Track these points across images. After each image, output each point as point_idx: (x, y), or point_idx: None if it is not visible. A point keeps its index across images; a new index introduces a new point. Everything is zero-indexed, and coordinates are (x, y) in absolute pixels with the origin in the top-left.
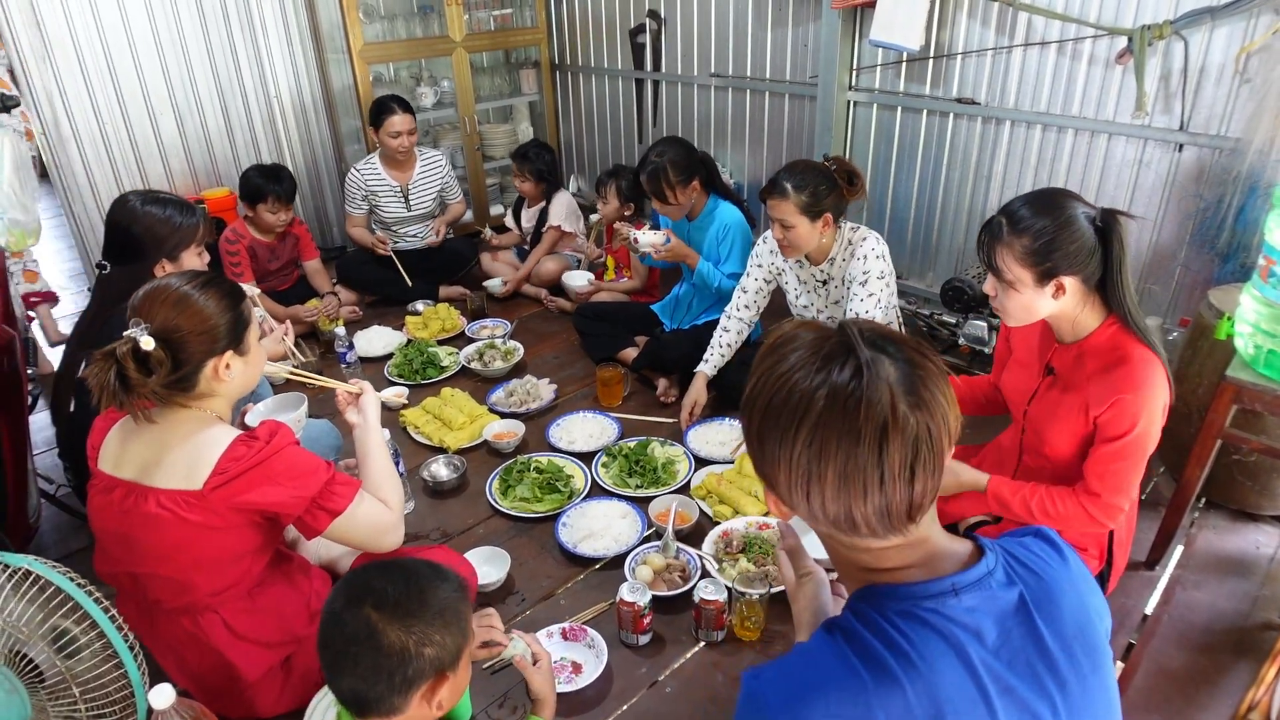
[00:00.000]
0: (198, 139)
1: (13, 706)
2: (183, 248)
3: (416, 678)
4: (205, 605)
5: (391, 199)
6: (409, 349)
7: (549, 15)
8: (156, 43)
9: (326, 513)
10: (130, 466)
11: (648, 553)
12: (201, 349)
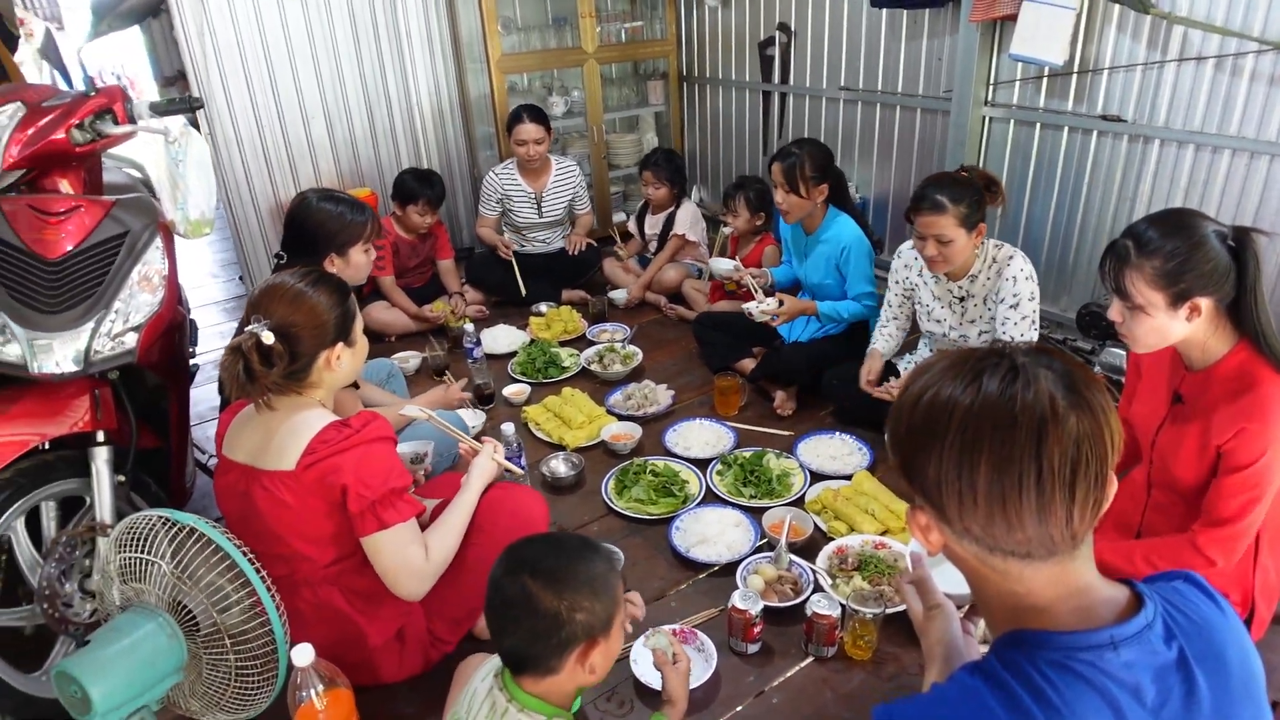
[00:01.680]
0: (344, 141)
1: (173, 651)
2: (351, 244)
3: (570, 640)
4: (322, 578)
5: (525, 204)
6: (532, 348)
7: (679, 27)
8: (313, 52)
9: (376, 520)
10: (243, 451)
11: (760, 563)
12: (315, 342)
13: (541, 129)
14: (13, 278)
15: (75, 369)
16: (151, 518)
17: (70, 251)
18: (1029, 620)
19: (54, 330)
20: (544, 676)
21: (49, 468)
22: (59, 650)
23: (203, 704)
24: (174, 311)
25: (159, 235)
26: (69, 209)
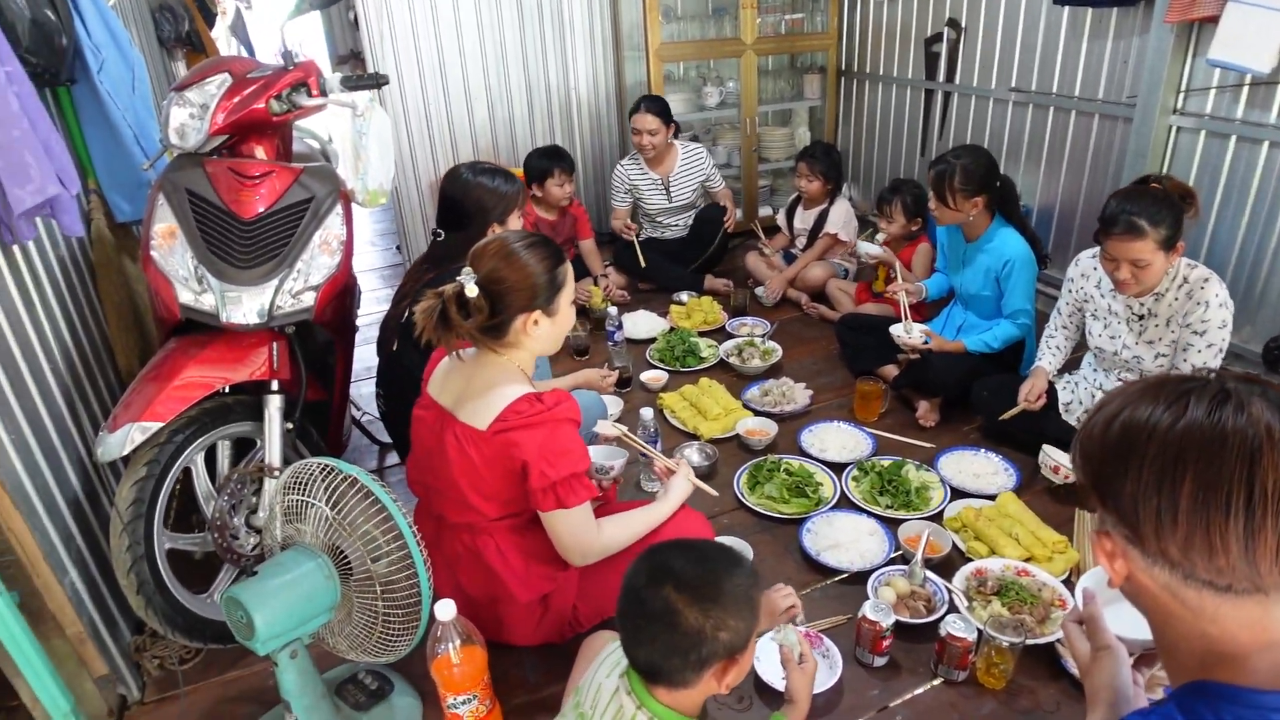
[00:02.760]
0: (504, 124)
1: (328, 590)
2: (509, 212)
3: (710, 658)
4: (483, 528)
5: (653, 190)
6: (671, 336)
7: (841, 21)
8: (480, 37)
9: (555, 500)
10: (447, 395)
11: (893, 575)
12: (517, 302)
13: (657, 120)
14: (212, 233)
15: (258, 321)
16: (320, 465)
17: (262, 213)
18: (1219, 670)
19: (243, 284)
20: (676, 689)
21: (228, 410)
22: (223, 577)
23: (348, 643)
24: (347, 275)
25: (339, 203)
26: (263, 173)
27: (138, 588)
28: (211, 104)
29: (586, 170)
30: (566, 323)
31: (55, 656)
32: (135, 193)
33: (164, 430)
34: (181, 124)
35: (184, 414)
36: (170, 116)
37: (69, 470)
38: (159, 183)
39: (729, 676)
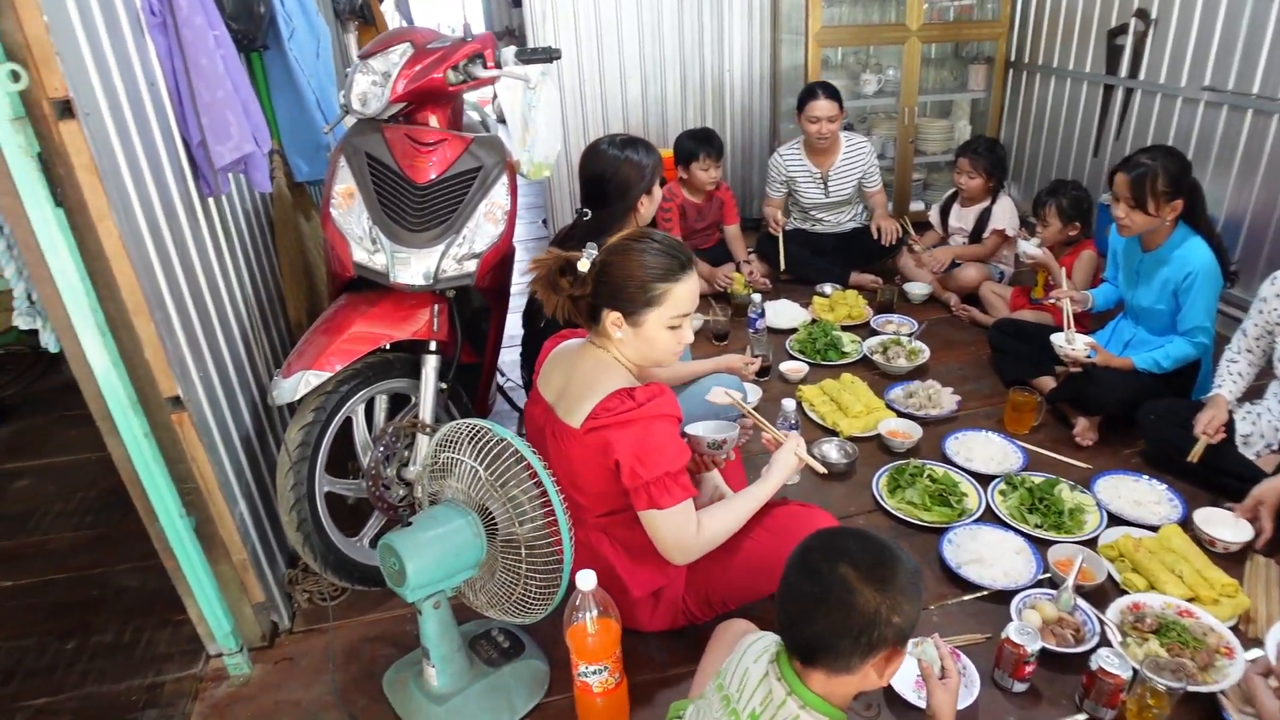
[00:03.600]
0: (656, 103)
1: (475, 547)
2: (654, 181)
3: (879, 643)
4: (593, 525)
5: (810, 184)
6: (813, 328)
7: (1014, 8)
8: (639, 14)
9: (649, 500)
10: (551, 389)
11: (1039, 598)
12: (607, 294)
13: (835, 106)
14: (388, 196)
15: (423, 283)
16: (475, 426)
17: (434, 179)
18: None
19: (413, 246)
20: (837, 674)
21: (389, 365)
22: (372, 524)
23: (488, 599)
24: (508, 244)
25: (505, 173)
26: (437, 141)
27: (298, 525)
28: (393, 72)
29: (734, 154)
30: (657, 344)
31: (221, 580)
32: (313, 154)
33: (331, 380)
34: (364, 91)
35: (350, 366)
36: (354, 83)
37: (244, 410)
38: (341, 146)
39: (890, 668)
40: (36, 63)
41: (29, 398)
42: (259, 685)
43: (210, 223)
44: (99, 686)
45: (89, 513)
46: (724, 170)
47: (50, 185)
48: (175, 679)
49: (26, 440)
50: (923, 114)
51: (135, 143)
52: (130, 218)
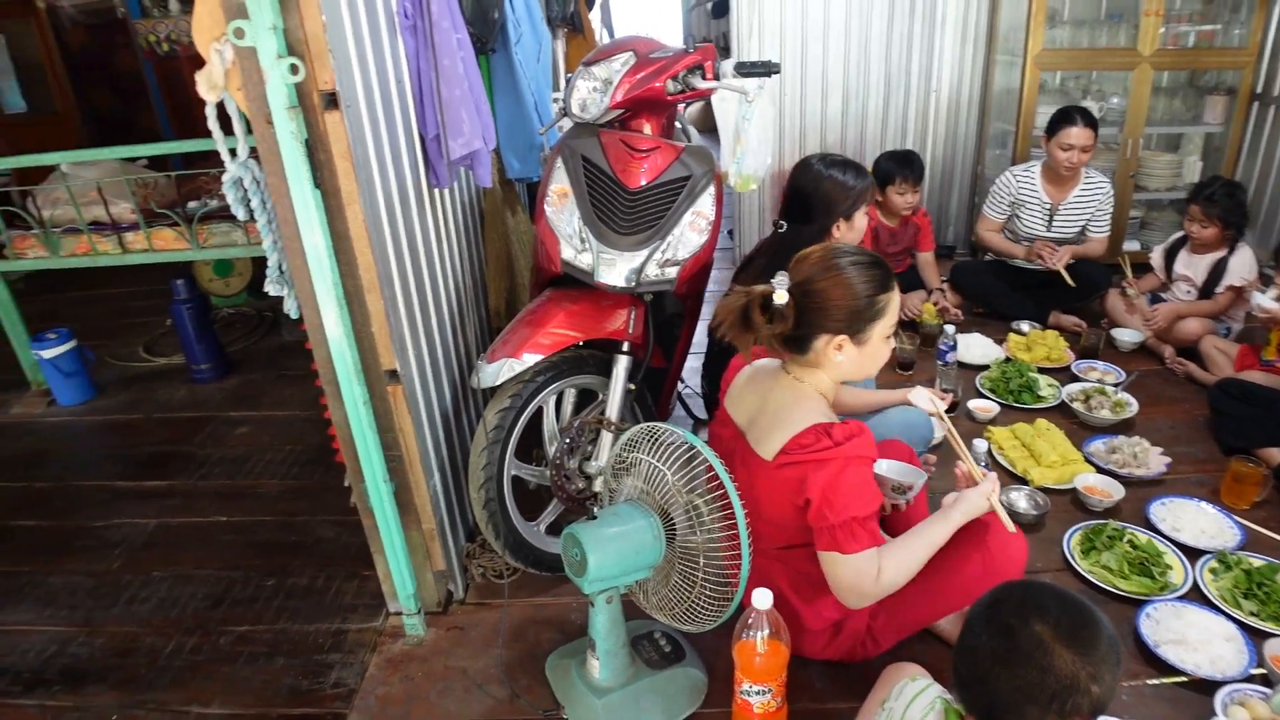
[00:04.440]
0: (856, 121)
1: (654, 550)
2: (856, 208)
3: (1074, 712)
4: (773, 555)
5: (1035, 214)
6: (1007, 367)
7: (1265, 36)
8: (846, 28)
9: (833, 542)
10: (741, 412)
11: (1249, 695)
12: (825, 321)
13: (1091, 135)
14: (599, 198)
15: (624, 285)
16: (664, 429)
17: (645, 185)
18: None
19: (619, 249)
20: None
21: (582, 361)
22: (550, 511)
23: (658, 603)
24: (710, 254)
25: (713, 183)
26: (651, 148)
27: (484, 503)
28: (615, 80)
29: (933, 177)
30: (878, 356)
31: (410, 545)
32: (526, 154)
33: (530, 369)
34: (585, 96)
35: (548, 358)
36: (576, 88)
37: (445, 388)
38: (558, 147)
39: None
40: (312, 57)
41: (253, 354)
42: (431, 648)
43: (434, 212)
44: (291, 624)
45: (295, 464)
46: (921, 195)
47: (312, 169)
48: (358, 629)
49: (248, 392)
50: (1147, 147)
51: (382, 134)
52: (373, 203)
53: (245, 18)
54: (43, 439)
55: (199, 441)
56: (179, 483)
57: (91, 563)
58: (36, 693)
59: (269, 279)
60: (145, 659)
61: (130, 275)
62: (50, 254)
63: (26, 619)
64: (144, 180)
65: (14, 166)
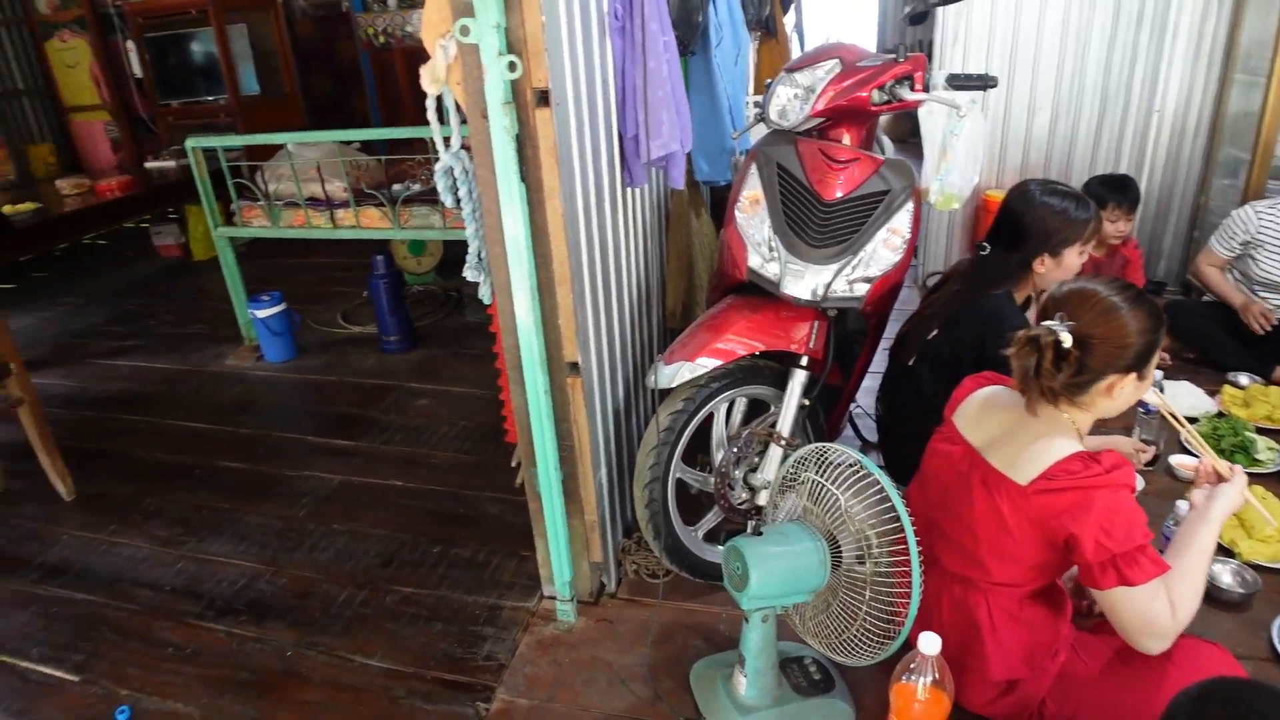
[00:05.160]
0: (1063, 139)
1: (817, 575)
2: (1069, 244)
3: None
4: (981, 587)
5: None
6: (1220, 423)
7: None
8: (1062, 39)
9: (1118, 575)
10: (980, 434)
11: None
12: (1107, 362)
13: None
14: (792, 208)
15: (810, 299)
16: (842, 453)
17: (840, 197)
18: None
19: (808, 261)
20: None
21: (758, 371)
22: (709, 518)
23: (814, 628)
24: (902, 274)
25: (911, 200)
26: (849, 160)
27: (647, 502)
28: (818, 87)
29: (1148, 205)
30: (1132, 398)
31: (571, 533)
32: (717, 157)
33: (705, 375)
34: (785, 103)
35: (724, 365)
36: (776, 94)
37: (619, 385)
38: (753, 152)
39: None
40: (529, 55)
41: (437, 331)
42: (580, 636)
43: (624, 210)
44: (451, 592)
45: (468, 440)
46: (1133, 224)
47: (520, 163)
48: (512, 607)
49: (431, 366)
50: None
51: (585, 132)
52: (572, 198)
53: (471, 16)
54: (250, 389)
55: (383, 408)
56: (363, 444)
57: (282, 508)
58: (226, 620)
59: (468, 265)
60: (320, 604)
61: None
62: (271, 224)
63: (224, 551)
64: (357, 162)
65: (248, 143)
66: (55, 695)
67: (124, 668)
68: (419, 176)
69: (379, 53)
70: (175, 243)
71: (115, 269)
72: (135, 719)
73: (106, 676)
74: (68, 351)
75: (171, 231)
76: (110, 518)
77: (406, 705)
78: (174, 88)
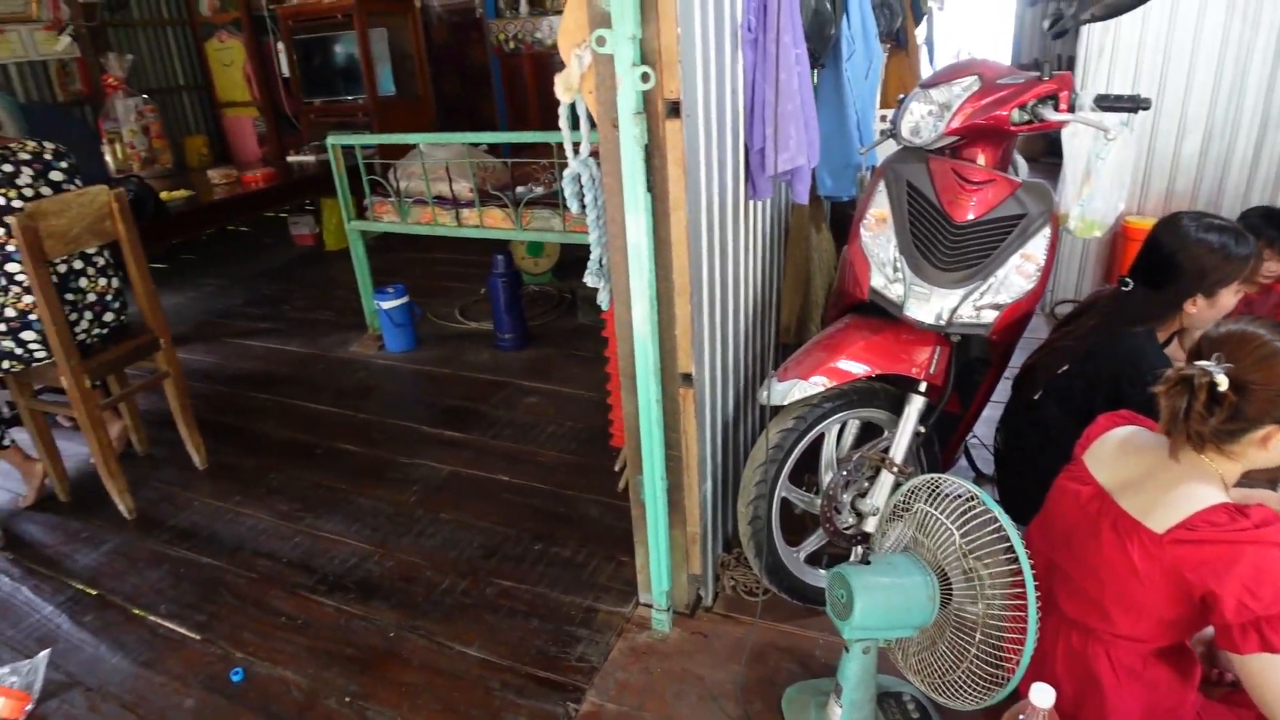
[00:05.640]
0: (1215, 166)
1: (925, 611)
2: (1225, 283)
3: None
4: (1103, 639)
5: None
6: None
7: None
8: (1220, 58)
9: (1261, 640)
10: (1113, 476)
11: None
12: (1266, 411)
13: None
14: (920, 228)
15: (933, 323)
16: (958, 485)
17: (972, 220)
18: None
19: (934, 284)
20: None
21: (873, 394)
22: (812, 540)
23: (916, 665)
24: (1034, 303)
25: (1048, 225)
26: (984, 181)
27: (750, 519)
28: (954, 104)
29: None
30: None
31: (672, 543)
32: (840, 172)
33: (819, 394)
34: (918, 120)
35: (839, 385)
36: (909, 110)
37: (729, 398)
38: (882, 169)
39: None
40: (662, 67)
41: (550, 331)
42: (673, 647)
43: (745, 223)
44: (549, 590)
45: (574, 441)
46: None
47: (647, 173)
48: (608, 611)
49: (542, 365)
50: None
51: (713, 144)
52: (696, 210)
53: (608, 27)
54: (371, 376)
55: (494, 403)
56: (473, 437)
57: (393, 493)
58: (335, 595)
59: (589, 271)
60: (423, 589)
61: (456, 245)
62: (401, 220)
63: (337, 530)
64: (484, 164)
65: (382, 142)
66: (179, 650)
67: (240, 631)
68: (542, 180)
69: (508, 58)
70: (310, 233)
71: (255, 255)
72: (247, 681)
73: (225, 638)
74: (208, 330)
75: (307, 222)
76: (237, 488)
77: (499, 697)
78: (317, 87)
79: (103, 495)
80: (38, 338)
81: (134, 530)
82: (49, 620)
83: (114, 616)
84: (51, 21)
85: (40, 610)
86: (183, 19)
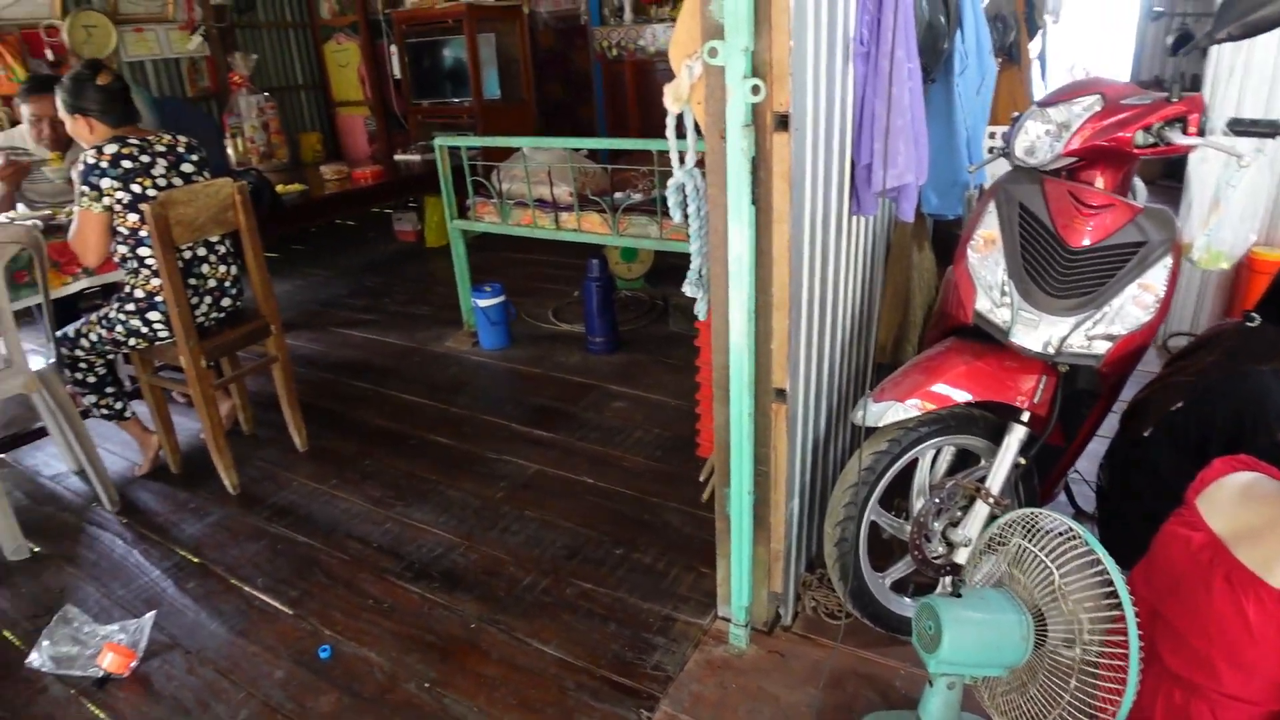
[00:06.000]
0: None
1: (1016, 651)
2: None
3: None
4: (1209, 697)
5: None
6: None
7: None
8: None
9: None
10: (1229, 524)
11: None
12: None
13: None
14: (1031, 252)
15: (1041, 351)
16: (1060, 522)
17: (1088, 245)
18: None
19: (1043, 311)
20: None
21: (971, 420)
22: (899, 566)
23: (1004, 706)
24: (1150, 336)
25: (1170, 255)
26: (1103, 205)
27: (837, 540)
28: (1074, 124)
29: None
30: None
31: (755, 559)
32: (947, 190)
33: (915, 418)
34: (1033, 140)
35: (937, 410)
36: (1024, 130)
37: (821, 416)
38: (993, 189)
39: None
40: (772, 79)
41: (641, 337)
42: (749, 664)
43: (847, 239)
44: (629, 596)
45: (659, 448)
46: None
47: (752, 185)
48: (685, 621)
49: (631, 370)
50: None
51: (820, 158)
52: (799, 224)
53: (721, 39)
54: (464, 372)
55: (583, 405)
56: (560, 437)
57: (480, 487)
58: (420, 583)
59: (688, 280)
60: (505, 584)
61: (551, 247)
62: (501, 220)
63: (426, 519)
64: (584, 169)
65: (486, 145)
66: (272, 623)
67: (330, 610)
68: (640, 187)
69: (610, 64)
70: (412, 229)
71: (360, 249)
72: (334, 658)
73: (315, 615)
74: (313, 318)
75: (410, 219)
76: (333, 472)
77: (574, 698)
78: (425, 89)
79: (210, 469)
80: (162, 318)
81: (236, 505)
82: (156, 584)
83: (214, 585)
84: (185, 22)
85: (149, 573)
86: (304, 21)
